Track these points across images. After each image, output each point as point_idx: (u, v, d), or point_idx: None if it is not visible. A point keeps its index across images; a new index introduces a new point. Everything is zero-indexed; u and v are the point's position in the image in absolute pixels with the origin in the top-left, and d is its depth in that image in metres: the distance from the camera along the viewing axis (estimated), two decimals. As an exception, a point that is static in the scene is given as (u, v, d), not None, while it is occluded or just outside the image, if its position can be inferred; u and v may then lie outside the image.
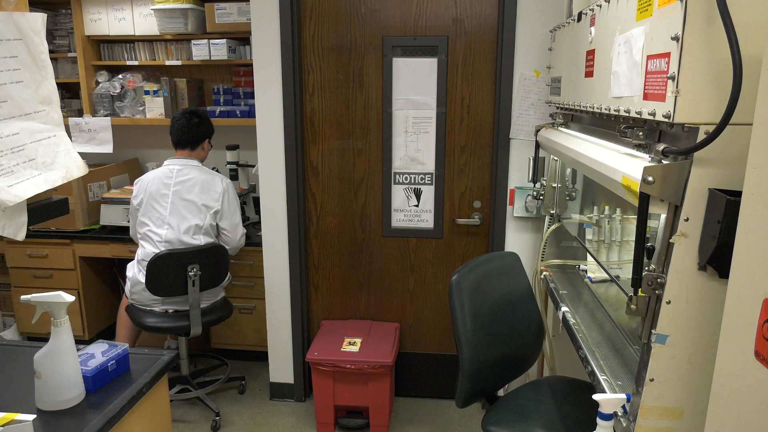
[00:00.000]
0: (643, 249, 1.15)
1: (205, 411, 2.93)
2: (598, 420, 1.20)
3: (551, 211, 2.39)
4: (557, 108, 2.14)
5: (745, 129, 0.97)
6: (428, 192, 2.80)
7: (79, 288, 3.29)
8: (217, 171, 2.96)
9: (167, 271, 2.61)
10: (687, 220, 1.05)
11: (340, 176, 2.84)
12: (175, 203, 2.69)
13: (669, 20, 1.05)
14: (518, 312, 1.93)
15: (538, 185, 2.37)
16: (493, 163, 2.70)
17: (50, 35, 3.48)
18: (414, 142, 2.75)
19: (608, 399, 1.19)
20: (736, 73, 0.90)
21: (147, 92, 3.41)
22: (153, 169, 3.56)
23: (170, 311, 2.72)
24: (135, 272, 2.74)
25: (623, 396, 1.20)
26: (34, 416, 1.17)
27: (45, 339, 1.32)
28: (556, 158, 2.30)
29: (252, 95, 3.33)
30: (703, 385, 1.11)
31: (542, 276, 2.26)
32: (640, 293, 1.14)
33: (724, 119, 0.92)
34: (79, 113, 3.54)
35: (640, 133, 1.21)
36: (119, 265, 3.51)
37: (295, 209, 2.81)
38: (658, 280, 1.10)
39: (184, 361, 2.97)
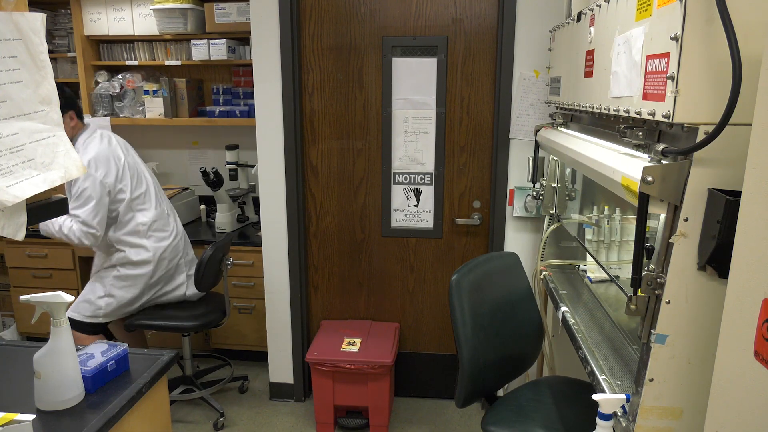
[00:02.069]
0: (642, 249, 1.15)
1: (207, 411, 2.93)
2: (598, 420, 1.20)
3: (551, 211, 2.39)
4: (557, 108, 2.14)
5: (744, 129, 0.97)
6: (428, 192, 2.80)
7: (78, 288, 3.29)
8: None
9: (212, 266, 2.71)
10: (686, 220, 1.05)
11: (339, 176, 2.84)
12: (155, 182, 2.72)
13: (668, 20, 1.05)
14: (518, 312, 1.93)
15: (537, 185, 2.37)
16: (493, 163, 2.70)
17: (50, 35, 3.48)
18: (413, 142, 2.75)
19: (608, 399, 1.19)
20: (735, 73, 0.90)
21: (146, 92, 3.41)
22: (153, 169, 3.57)
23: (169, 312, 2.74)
24: (118, 286, 2.58)
25: (623, 396, 1.21)
26: (34, 416, 1.17)
27: (44, 339, 1.32)
28: (555, 158, 2.30)
29: (251, 95, 3.34)
30: (702, 385, 1.11)
31: (542, 276, 2.26)
32: (639, 293, 1.14)
33: (724, 119, 0.92)
34: (79, 113, 3.53)
35: (640, 133, 1.21)
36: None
37: (294, 209, 2.81)
38: (658, 280, 1.10)
39: (187, 362, 2.97)
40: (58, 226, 2.45)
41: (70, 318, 2.54)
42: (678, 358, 1.11)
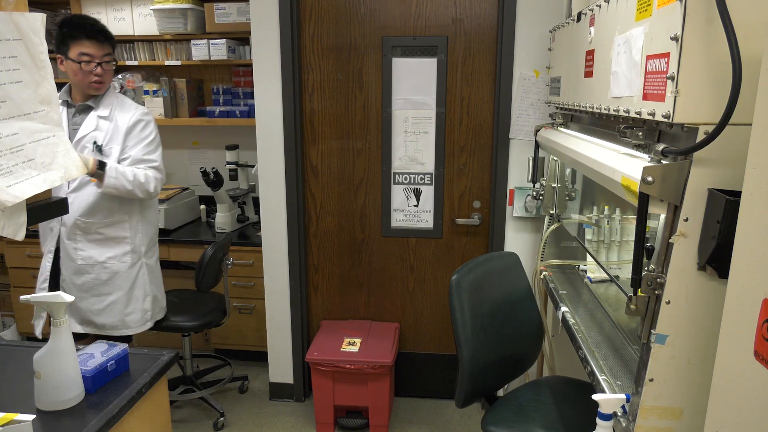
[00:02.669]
0: (642, 249, 1.15)
1: (207, 411, 2.93)
2: (598, 420, 1.20)
3: (551, 211, 2.39)
4: (557, 108, 2.14)
5: (744, 129, 0.97)
6: (428, 192, 2.80)
7: (78, 288, 3.28)
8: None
9: (212, 266, 2.71)
10: (686, 220, 1.05)
11: (339, 176, 2.84)
12: None
13: (668, 20, 1.05)
14: (518, 312, 1.93)
15: (537, 185, 2.37)
16: (493, 163, 2.70)
17: (50, 35, 3.48)
18: (413, 142, 2.75)
19: (608, 399, 1.19)
20: (735, 73, 0.90)
21: (147, 92, 3.40)
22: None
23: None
24: (150, 279, 2.43)
25: (623, 396, 1.20)
26: (34, 416, 1.17)
27: (44, 339, 1.32)
28: (555, 158, 2.30)
29: (251, 95, 3.33)
30: (702, 385, 1.11)
31: (542, 276, 2.26)
32: (639, 293, 1.14)
33: (724, 119, 0.92)
34: (79, 113, 3.53)
35: (640, 133, 1.21)
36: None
37: (294, 209, 2.81)
38: (658, 280, 1.10)
39: (187, 362, 2.97)
40: (132, 175, 2.19)
41: (124, 336, 2.37)
42: (678, 358, 1.11)
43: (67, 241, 2.28)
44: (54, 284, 2.32)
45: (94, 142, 2.23)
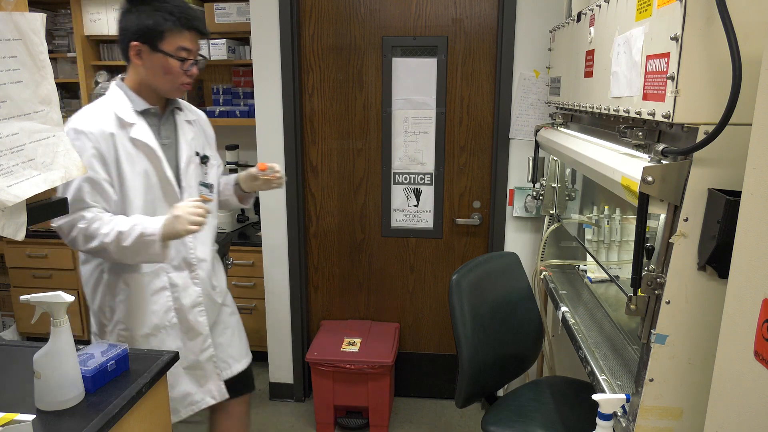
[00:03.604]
0: (642, 249, 1.15)
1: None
2: (598, 420, 1.20)
3: (551, 211, 2.39)
4: (557, 108, 2.14)
5: (744, 129, 0.97)
6: (428, 192, 2.80)
7: (78, 288, 3.28)
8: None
9: None
10: (686, 220, 1.05)
11: (339, 176, 2.84)
12: None
13: (668, 20, 1.05)
14: (518, 312, 1.93)
15: (537, 185, 2.37)
16: (493, 163, 2.70)
17: (50, 35, 3.48)
18: (413, 142, 2.75)
19: (608, 399, 1.19)
20: (735, 73, 0.90)
21: (146, 92, 3.40)
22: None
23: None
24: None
25: (623, 396, 1.20)
26: (34, 416, 1.17)
27: (44, 339, 1.32)
28: (555, 158, 2.31)
29: (252, 95, 3.33)
30: (702, 385, 1.11)
31: (542, 276, 2.26)
32: (639, 293, 1.14)
33: (724, 119, 0.92)
34: (79, 113, 3.53)
35: (640, 133, 1.21)
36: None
37: (294, 209, 2.81)
38: (658, 280, 1.10)
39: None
40: None
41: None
42: (678, 358, 1.11)
43: (210, 282, 1.88)
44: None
45: (197, 153, 1.83)
